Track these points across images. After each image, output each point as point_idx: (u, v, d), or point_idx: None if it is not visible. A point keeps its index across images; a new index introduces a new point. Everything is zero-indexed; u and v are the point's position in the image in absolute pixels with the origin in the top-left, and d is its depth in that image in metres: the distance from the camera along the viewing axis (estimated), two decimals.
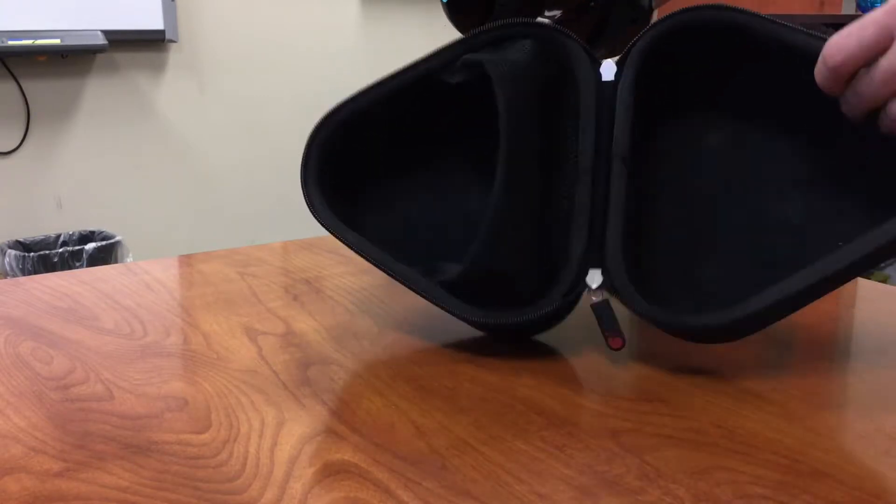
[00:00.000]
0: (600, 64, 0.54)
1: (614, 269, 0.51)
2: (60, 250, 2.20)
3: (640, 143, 0.53)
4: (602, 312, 0.52)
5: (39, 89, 2.38)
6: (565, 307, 0.53)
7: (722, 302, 0.49)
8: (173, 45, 2.55)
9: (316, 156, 0.56)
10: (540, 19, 0.55)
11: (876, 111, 0.47)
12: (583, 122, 0.53)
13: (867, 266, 0.47)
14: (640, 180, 0.54)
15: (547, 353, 0.53)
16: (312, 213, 0.55)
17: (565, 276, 0.52)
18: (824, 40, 0.47)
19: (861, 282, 0.73)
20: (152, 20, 2.44)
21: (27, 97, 2.36)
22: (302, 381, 0.50)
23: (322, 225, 0.55)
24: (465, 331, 0.57)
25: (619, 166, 0.52)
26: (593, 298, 0.52)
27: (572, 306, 0.54)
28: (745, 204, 0.54)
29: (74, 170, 2.47)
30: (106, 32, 2.31)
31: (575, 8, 0.62)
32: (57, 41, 2.26)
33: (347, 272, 0.73)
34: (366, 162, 0.59)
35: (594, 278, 0.52)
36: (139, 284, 0.70)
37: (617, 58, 0.54)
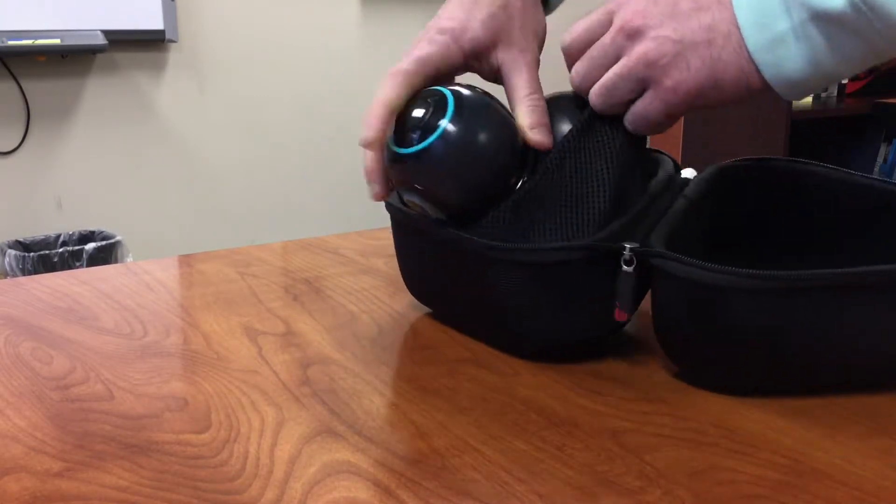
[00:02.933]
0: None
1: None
2: (60, 250, 2.19)
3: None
4: (624, 283, 0.50)
5: (39, 89, 2.38)
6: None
7: None
8: (173, 45, 2.55)
9: None
10: None
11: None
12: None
13: None
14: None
15: (547, 353, 0.53)
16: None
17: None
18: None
19: None
20: (152, 20, 2.43)
21: (27, 97, 2.36)
22: (302, 381, 0.50)
23: None
24: (465, 331, 0.57)
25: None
26: (625, 268, 0.50)
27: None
28: None
29: (74, 170, 2.46)
30: (106, 32, 2.31)
31: None
32: (57, 41, 2.26)
33: (347, 272, 0.73)
34: None
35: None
36: (139, 284, 0.70)
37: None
